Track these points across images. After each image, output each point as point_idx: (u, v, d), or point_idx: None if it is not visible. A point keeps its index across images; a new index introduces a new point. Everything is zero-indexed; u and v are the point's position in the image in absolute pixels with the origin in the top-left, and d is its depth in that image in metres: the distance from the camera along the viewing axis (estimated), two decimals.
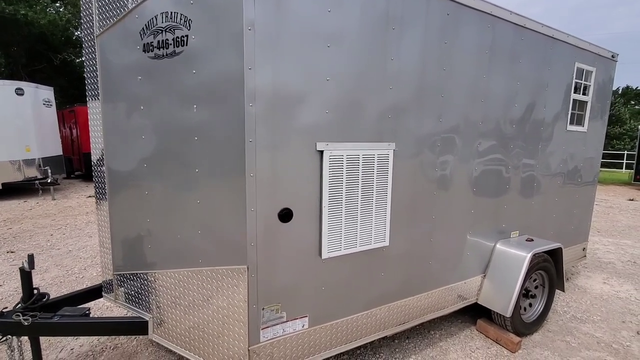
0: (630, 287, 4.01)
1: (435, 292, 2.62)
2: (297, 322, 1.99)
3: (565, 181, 3.52)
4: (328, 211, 1.95)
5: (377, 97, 2.05)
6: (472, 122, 2.57)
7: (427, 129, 2.33)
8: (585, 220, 3.95)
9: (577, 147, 3.56)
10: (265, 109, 1.70)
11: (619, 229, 6.95)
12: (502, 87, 2.71)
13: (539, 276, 3.08)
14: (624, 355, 2.73)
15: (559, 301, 3.61)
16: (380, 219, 2.17)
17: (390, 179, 2.17)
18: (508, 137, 2.85)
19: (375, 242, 2.18)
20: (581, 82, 3.40)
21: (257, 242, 1.77)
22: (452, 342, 2.88)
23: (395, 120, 2.15)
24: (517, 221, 3.13)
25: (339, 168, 1.95)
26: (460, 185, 2.60)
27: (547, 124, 3.16)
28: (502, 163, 2.86)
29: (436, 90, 2.32)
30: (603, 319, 3.29)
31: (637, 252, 5.39)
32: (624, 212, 8.80)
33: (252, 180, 1.71)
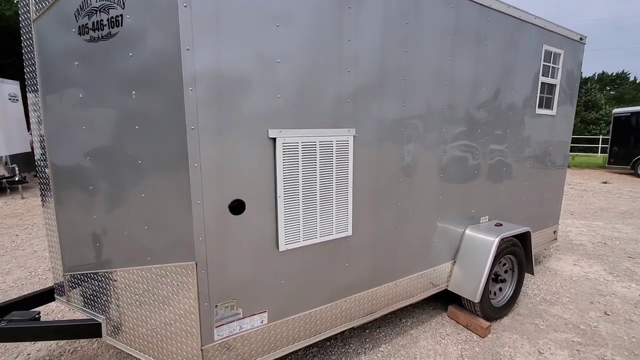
0: (600, 268, 4.09)
1: (404, 280, 2.58)
2: (256, 318, 1.91)
3: (534, 165, 3.53)
4: (284, 201, 1.86)
5: (334, 81, 1.95)
6: (437, 107, 2.51)
7: (390, 114, 2.25)
8: (555, 203, 3.98)
9: (547, 130, 3.55)
10: (208, 94, 1.58)
11: (591, 211, 7.12)
12: (467, 70, 2.64)
13: (509, 260, 3.09)
14: (591, 336, 2.77)
15: (529, 284, 3.65)
16: (342, 208, 2.09)
17: (351, 166, 2.09)
18: (475, 121, 2.80)
19: (337, 233, 2.11)
20: (549, 65, 3.37)
21: (205, 237, 1.66)
22: (423, 329, 2.86)
23: (355, 105, 2.06)
24: (486, 206, 3.11)
25: (294, 156, 1.85)
26: (427, 172, 2.55)
27: (516, 107, 3.13)
28: (470, 148, 2.82)
29: (398, 73, 2.23)
30: (572, 300, 3.34)
31: (608, 234, 5.52)
32: (597, 194, 9.04)
33: (196, 170, 1.59)
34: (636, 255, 4.54)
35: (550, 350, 2.59)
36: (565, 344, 2.67)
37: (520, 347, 2.63)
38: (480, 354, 2.56)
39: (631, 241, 5.15)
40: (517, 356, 2.53)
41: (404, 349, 2.61)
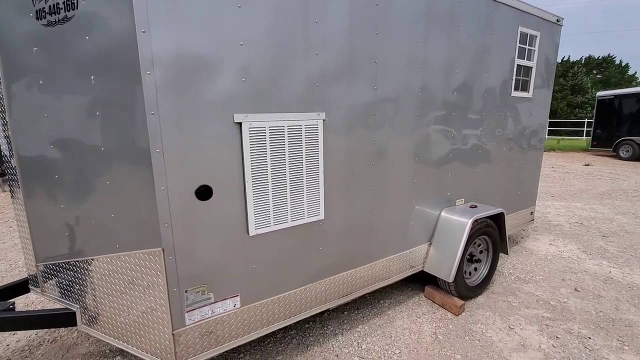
0: (574, 247, 4.22)
1: (380, 262, 2.63)
2: (228, 302, 1.93)
3: (511, 148, 3.58)
4: (252, 186, 1.86)
5: (301, 64, 1.93)
6: (410, 90, 2.51)
7: (361, 97, 2.24)
8: (532, 185, 4.06)
9: (523, 113, 3.59)
10: (168, 78, 1.55)
11: (571, 192, 7.29)
12: (441, 52, 2.64)
13: (483, 241, 3.16)
14: (560, 311, 2.88)
15: (506, 264, 3.76)
16: (313, 192, 2.10)
17: (321, 150, 2.09)
18: (450, 104, 2.82)
19: (309, 217, 2.12)
20: (525, 47, 3.39)
21: (171, 223, 1.66)
22: (399, 309, 2.93)
23: (324, 88, 2.05)
24: (462, 189, 3.16)
25: (262, 140, 1.84)
26: (400, 155, 2.56)
27: (491, 90, 3.15)
28: (445, 131, 2.84)
29: (369, 56, 2.22)
30: (545, 278, 3.45)
31: (585, 214, 5.68)
32: (578, 176, 9.24)
33: (158, 156, 1.58)
34: (610, 234, 4.69)
35: (520, 325, 2.69)
36: (535, 319, 2.77)
37: (492, 323, 2.73)
38: (454, 330, 2.64)
39: (606, 220, 5.31)
40: (488, 332, 2.62)
41: (380, 329, 2.68)
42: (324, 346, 2.50)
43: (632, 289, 3.21)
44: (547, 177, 9.19)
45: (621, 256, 3.95)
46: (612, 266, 3.69)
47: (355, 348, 2.47)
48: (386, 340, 2.54)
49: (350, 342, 2.53)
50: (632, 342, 2.48)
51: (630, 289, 3.22)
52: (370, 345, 2.50)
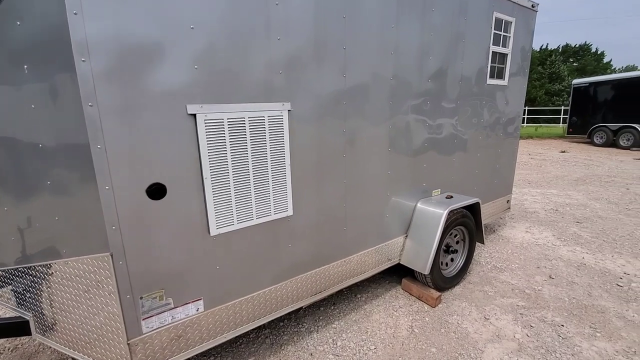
0: (549, 234, 4.28)
1: (354, 257, 2.55)
2: (190, 307, 1.81)
3: (486, 137, 3.55)
4: (211, 183, 1.73)
5: (262, 50, 1.80)
6: (382, 78, 2.40)
7: (330, 85, 2.13)
8: (508, 173, 4.07)
9: (498, 101, 3.56)
10: (107, 65, 1.39)
11: (547, 179, 7.43)
12: (413, 38, 2.54)
13: (460, 231, 3.14)
14: (534, 300, 2.89)
15: (483, 253, 3.77)
16: (280, 187, 1.99)
17: (287, 143, 1.97)
18: (424, 92, 2.73)
19: (276, 213, 2.01)
20: (500, 34, 3.33)
21: (120, 225, 1.52)
22: (376, 303, 2.89)
23: (289, 76, 1.92)
24: (438, 179, 3.11)
25: (220, 133, 1.71)
26: (373, 147, 2.47)
27: (466, 77, 3.09)
28: (420, 120, 2.76)
29: (336, 41, 2.10)
30: (520, 266, 3.47)
31: (560, 200, 5.78)
32: (555, 163, 9.43)
33: (100, 153, 1.43)
34: (583, 220, 4.78)
35: (495, 315, 2.68)
36: (510, 308, 2.77)
37: (468, 314, 2.71)
38: (430, 323, 2.61)
39: (580, 206, 5.42)
40: (464, 323, 2.60)
41: (357, 324, 2.63)
42: (298, 345, 2.42)
43: (604, 275, 3.26)
44: (524, 164, 9.34)
45: (594, 242, 4.02)
46: (586, 252, 3.75)
47: (330, 345, 2.41)
48: (362, 336, 2.49)
49: (325, 340, 2.46)
50: (604, 328, 2.51)
51: (603, 274, 3.27)
52: (346, 341, 2.44)
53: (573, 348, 2.31)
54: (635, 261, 3.51)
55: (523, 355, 2.26)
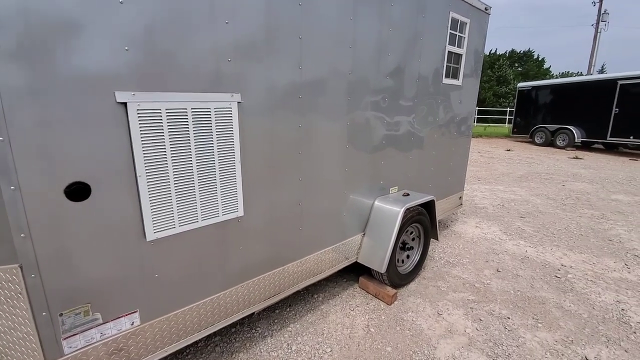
0: (497, 229, 4.50)
1: (311, 257, 2.46)
2: (123, 321, 1.61)
3: (441, 135, 3.62)
4: (147, 182, 1.53)
5: (208, 34, 1.62)
6: (340, 72, 2.31)
7: (285, 77, 1.99)
8: (461, 171, 4.21)
9: (453, 100, 3.64)
10: (12, 42, 1.15)
11: (495, 176, 7.88)
12: (372, 33, 2.48)
13: (415, 229, 3.17)
14: (484, 293, 3.00)
15: (437, 249, 3.86)
16: (229, 186, 1.83)
17: (237, 138, 1.82)
18: (382, 89, 2.69)
19: (225, 214, 1.85)
20: (456, 34, 3.39)
21: (30, 232, 1.29)
22: (333, 303, 2.83)
23: (239, 65, 1.76)
24: (396, 177, 3.11)
25: (157, 126, 1.51)
26: (330, 143, 2.39)
27: (423, 76, 3.10)
28: (378, 117, 2.72)
29: (292, 30, 1.96)
30: (471, 260, 3.60)
31: (506, 196, 6.14)
32: (501, 161, 10.06)
33: (3, 146, 1.19)
34: (526, 215, 5.10)
35: (448, 310, 2.74)
36: (461, 303, 2.84)
37: (422, 310, 2.74)
38: (386, 321, 2.60)
39: (524, 202, 5.79)
40: (418, 319, 2.63)
41: (313, 326, 2.55)
42: (250, 352, 2.29)
43: (544, 267, 3.48)
44: (475, 162, 9.86)
45: (535, 235, 4.30)
46: (529, 245, 3.99)
47: (284, 350, 2.30)
48: (318, 338, 2.41)
49: (279, 344, 2.35)
50: (544, 319, 2.66)
51: (543, 267, 3.48)
52: (301, 345, 2.35)
53: (518, 340, 2.42)
54: (570, 253, 3.80)
55: (473, 350, 2.32)
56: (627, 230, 4.56)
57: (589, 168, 9.16)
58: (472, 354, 2.28)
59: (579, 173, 8.43)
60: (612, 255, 3.77)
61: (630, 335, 2.49)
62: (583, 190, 6.73)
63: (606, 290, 3.06)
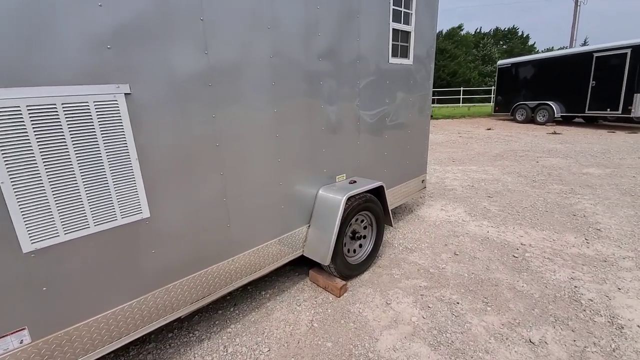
0: (462, 210, 4.43)
1: (246, 254, 2.34)
2: (9, 340, 1.47)
3: (394, 118, 3.48)
4: (13, 188, 1.38)
5: (77, 17, 1.44)
6: (259, 56, 2.15)
7: (187, 64, 1.83)
8: (421, 153, 4.09)
9: (404, 81, 3.49)
10: None
11: (470, 156, 7.82)
12: (296, 11, 2.31)
13: (366, 217, 3.06)
14: (437, 279, 2.92)
15: (397, 234, 3.78)
16: (126, 186, 1.68)
17: (130, 133, 1.66)
18: (315, 73, 2.54)
19: (125, 217, 1.71)
20: (401, 10, 3.22)
21: None
22: (280, 299, 2.73)
23: (123, 53, 1.59)
24: (342, 164, 2.98)
25: (17, 125, 1.35)
26: (256, 133, 2.24)
27: (364, 57, 2.94)
28: (312, 103, 2.57)
29: (190, 10, 1.79)
30: (430, 245, 3.52)
31: (477, 176, 6.07)
32: (480, 141, 10.00)
33: None
34: (494, 194, 5.04)
35: (397, 299, 2.66)
36: (412, 290, 2.76)
37: (371, 301, 2.66)
38: (332, 315, 2.51)
39: (494, 181, 5.73)
40: (365, 311, 2.54)
41: (255, 325, 2.44)
42: (184, 357, 2.18)
43: (503, 247, 3.41)
44: (453, 142, 9.79)
45: (500, 215, 4.23)
46: (491, 225, 3.92)
47: (220, 353, 2.20)
48: (257, 338, 2.31)
49: (216, 347, 2.25)
50: (495, 301, 2.59)
51: (502, 247, 3.42)
52: (238, 346, 2.25)
53: (464, 326, 2.34)
54: (532, 231, 3.74)
55: (415, 339, 2.24)
56: (593, 203, 4.53)
57: (565, 143, 9.15)
58: (414, 344, 2.20)
59: (555, 148, 8.41)
60: (573, 231, 3.72)
61: (580, 313, 2.44)
62: (556, 165, 6.69)
63: (562, 268, 3.01)
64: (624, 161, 6.86)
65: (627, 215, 4.09)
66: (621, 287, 2.71)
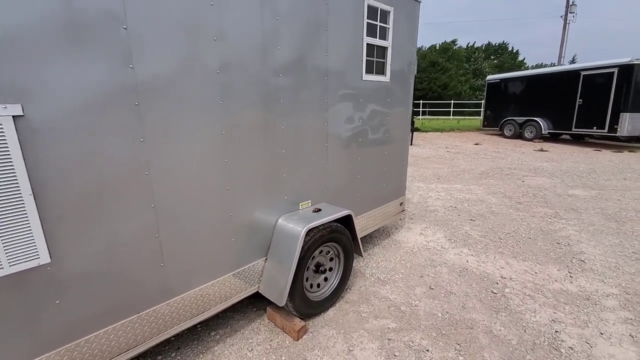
0: (441, 235, 4.19)
1: (186, 295, 2.04)
2: None
3: (368, 138, 3.24)
4: None
5: None
6: (201, 70, 1.88)
7: (106, 80, 1.54)
8: (398, 175, 3.85)
9: (380, 99, 3.26)
10: None
11: (456, 173, 7.63)
12: (249, 22, 2.05)
13: (333, 248, 2.78)
14: (408, 319, 2.65)
15: (370, 263, 3.50)
16: (14, 228, 1.38)
17: (21, 163, 1.36)
18: (274, 89, 2.28)
19: (15, 264, 1.40)
20: (377, 24, 3.00)
21: None
22: (231, 342, 2.42)
23: (12, 64, 1.30)
24: (307, 189, 2.71)
25: None
26: (199, 158, 1.96)
27: (334, 72, 2.70)
28: (270, 122, 2.30)
29: (110, 17, 1.51)
30: (404, 276, 3.25)
31: (461, 196, 5.86)
32: (467, 157, 9.86)
33: None
34: (477, 217, 4.82)
35: (361, 344, 2.37)
36: (379, 333, 2.48)
37: (332, 346, 2.37)
38: None
39: (478, 202, 5.52)
40: (324, 358, 2.25)
41: None
42: None
43: (482, 280, 3.16)
44: (439, 158, 9.63)
45: (481, 242, 4.00)
46: (471, 254, 3.68)
47: None
48: None
49: None
50: (468, 349, 2.32)
51: (481, 280, 3.17)
52: None
53: None
54: (513, 262, 3.51)
55: None
56: (578, 230, 4.33)
57: (551, 161, 9.05)
58: None
59: (541, 167, 8.29)
60: (556, 262, 3.50)
61: None
62: (541, 185, 6.53)
63: (543, 307, 2.76)
64: (610, 182, 6.74)
65: (611, 244, 3.90)
66: (604, 332, 2.47)
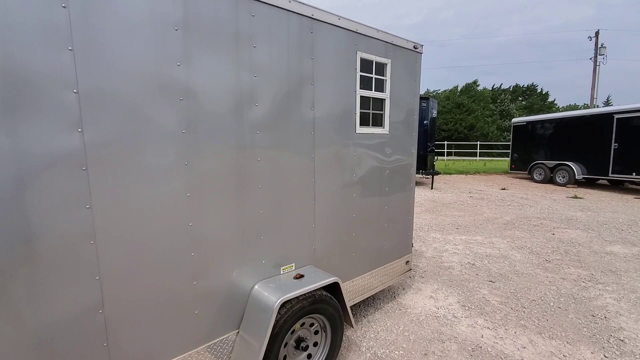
0: (454, 300, 3.72)
1: None
2: None
3: (365, 193, 3.00)
4: None
5: None
6: (165, 131, 1.77)
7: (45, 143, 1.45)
8: (403, 231, 3.53)
9: (377, 151, 3.06)
10: None
11: (477, 222, 7.10)
12: (222, 80, 1.97)
13: (318, 320, 2.46)
14: None
15: (369, 332, 3.10)
16: None
17: None
18: (251, 146, 2.14)
19: None
20: (371, 77, 2.88)
21: None
22: None
23: None
24: (290, 252, 2.47)
25: None
26: (155, 222, 1.79)
27: (323, 127, 2.55)
28: (245, 182, 2.14)
29: (57, 81, 1.45)
30: (405, 353, 2.82)
31: (481, 251, 5.35)
32: (491, 203, 9.27)
33: None
34: (498, 278, 4.30)
35: None
36: None
37: None
38: None
39: (500, 258, 4.99)
40: None
41: None
42: None
43: None
44: (461, 204, 9.11)
45: (501, 310, 3.50)
46: (487, 326, 3.19)
47: None
48: None
49: None
50: None
51: None
52: None
53: None
54: (538, 339, 2.99)
55: None
56: (617, 298, 3.72)
57: (587, 210, 8.29)
58: None
59: (575, 217, 7.58)
60: (590, 341, 2.94)
61: None
62: (575, 240, 5.88)
63: None
64: None
65: None
66: None
